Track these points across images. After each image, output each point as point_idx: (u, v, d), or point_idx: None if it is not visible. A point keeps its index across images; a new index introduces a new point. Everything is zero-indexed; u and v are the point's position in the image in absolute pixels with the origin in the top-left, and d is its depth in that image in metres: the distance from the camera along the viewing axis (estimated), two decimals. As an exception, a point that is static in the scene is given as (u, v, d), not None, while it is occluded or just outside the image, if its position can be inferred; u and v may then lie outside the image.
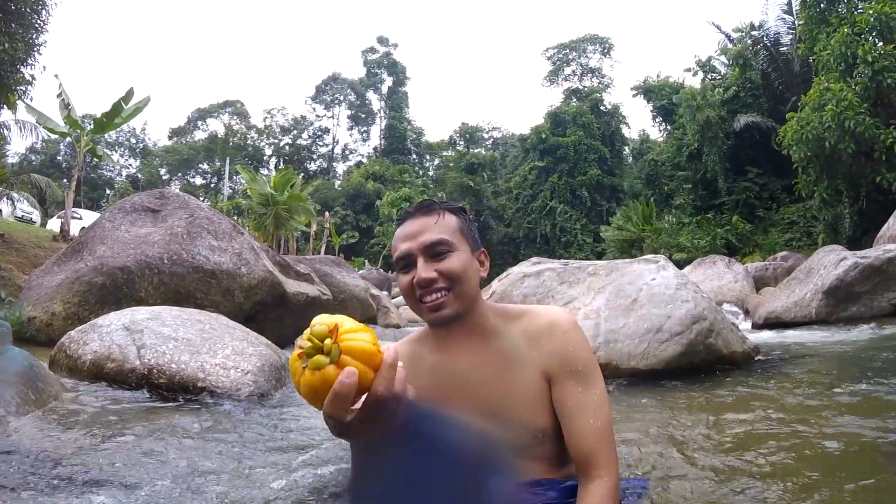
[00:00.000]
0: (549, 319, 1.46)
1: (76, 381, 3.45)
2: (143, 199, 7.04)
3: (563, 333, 1.43)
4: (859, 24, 16.01)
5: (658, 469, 1.95)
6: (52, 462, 2.02)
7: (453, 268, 1.39)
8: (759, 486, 1.77)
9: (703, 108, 27.16)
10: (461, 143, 59.02)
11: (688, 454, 2.09)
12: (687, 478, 1.87)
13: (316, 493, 1.80)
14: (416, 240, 1.41)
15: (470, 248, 1.46)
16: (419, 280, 1.37)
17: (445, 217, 1.45)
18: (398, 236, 1.46)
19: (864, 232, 16.43)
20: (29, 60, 12.62)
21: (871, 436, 2.23)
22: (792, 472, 1.86)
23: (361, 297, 9.48)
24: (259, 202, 23.62)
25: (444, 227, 1.43)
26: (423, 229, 1.42)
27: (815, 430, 2.41)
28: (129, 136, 63.24)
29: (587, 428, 1.32)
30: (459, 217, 1.49)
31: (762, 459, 2.02)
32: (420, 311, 1.42)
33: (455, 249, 1.42)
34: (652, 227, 27.85)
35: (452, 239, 1.42)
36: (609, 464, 1.30)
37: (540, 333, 1.43)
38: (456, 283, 1.38)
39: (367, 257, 41.91)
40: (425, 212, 1.46)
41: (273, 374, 3.64)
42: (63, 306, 5.97)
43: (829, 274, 8.11)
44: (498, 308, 1.52)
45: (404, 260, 1.42)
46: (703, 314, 4.23)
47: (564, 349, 1.41)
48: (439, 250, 1.40)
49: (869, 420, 2.48)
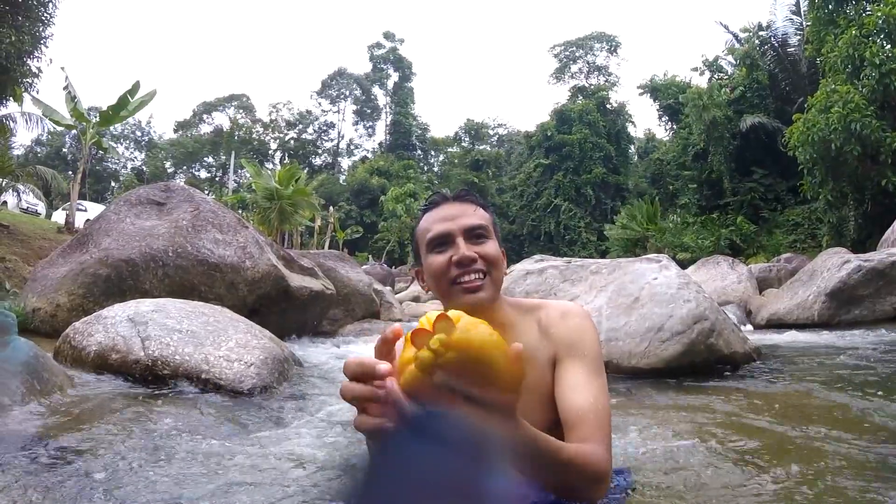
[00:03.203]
0: (562, 310, 1.49)
1: (81, 372, 3.47)
2: (148, 192, 7.06)
3: (574, 321, 1.46)
4: (867, 27, 15.97)
5: (651, 464, 1.97)
6: (53, 451, 2.04)
7: (492, 252, 1.43)
8: (752, 484, 1.78)
9: (710, 108, 27.11)
10: (466, 139, 59.11)
11: (682, 451, 2.11)
12: (680, 474, 1.88)
13: (316, 489, 1.81)
14: (457, 221, 1.43)
15: (497, 242, 1.49)
16: (462, 258, 1.38)
17: (480, 209, 1.49)
18: (433, 218, 1.47)
19: (868, 235, 16.41)
20: (35, 53, 12.66)
21: (866, 439, 2.24)
22: (786, 473, 1.88)
23: (365, 291, 9.49)
24: (264, 196, 23.64)
25: (482, 215, 1.47)
26: (462, 213, 1.45)
27: (812, 431, 2.43)
28: (134, 129, 63.39)
29: (585, 404, 1.31)
30: (489, 213, 1.52)
31: (757, 459, 2.03)
32: (452, 294, 1.41)
33: (492, 237, 1.46)
34: (656, 227, 27.82)
35: (490, 227, 1.47)
36: (603, 441, 1.26)
37: (551, 322, 1.46)
38: (493, 267, 1.41)
39: (371, 252, 41.98)
40: (463, 199, 1.49)
41: (276, 367, 3.65)
42: (68, 298, 5.99)
43: (833, 276, 8.11)
44: (514, 301, 1.54)
45: (441, 239, 1.43)
46: (705, 314, 4.24)
47: (574, 335, 1.43)
48: (479, 233, 1.43)
49: (864, 423, 2.49)
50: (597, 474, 1.19)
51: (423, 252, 1.48)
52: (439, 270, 1.42)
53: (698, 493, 1.71)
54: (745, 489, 1.75)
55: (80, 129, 16.88)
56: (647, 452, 2.15)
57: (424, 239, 1.46)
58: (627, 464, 1.91)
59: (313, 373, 4.24)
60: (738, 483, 1.81)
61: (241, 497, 1.68)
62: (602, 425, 1.29)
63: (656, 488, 1.75)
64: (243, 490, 1.75)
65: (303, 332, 7.42)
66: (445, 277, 1.40)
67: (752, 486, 1.78)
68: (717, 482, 1.81)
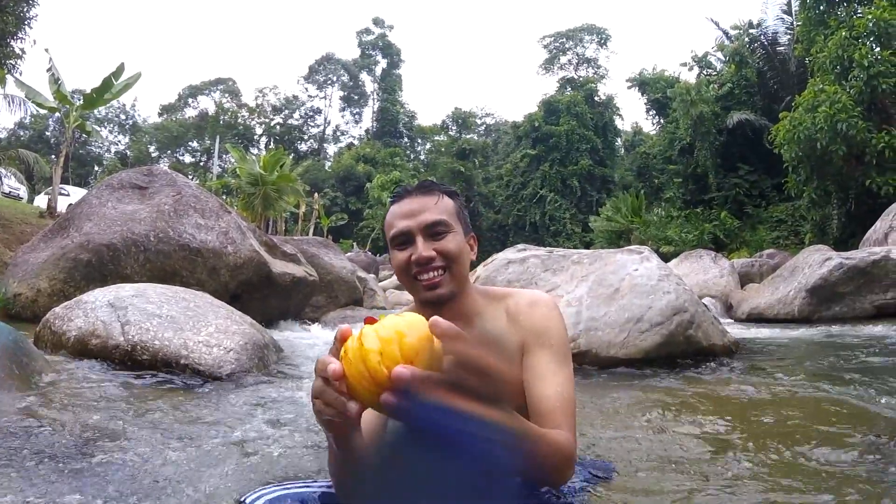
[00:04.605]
0: (530, 299, 1.50)
1: (61, 358, 3.46)
2: (130, 176, 7.02)
3: (542, 310, 1.46)
4: (857, 29, 16.11)
5: (626, 454, 2.00)
6: (30, 435, 2.04)
7: (451, 248, 1.42)
8: (724, 471, 1.81)
9: (697, 104, 27.23)
10: (454, 128, 58.95)
11: (657, 441, 2.13)
12: (653, 463, 1.91)
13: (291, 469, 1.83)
14: (416, 218, 1.43)
15: (463, 231, 1.50)
16: (419, 258, 1.40)
17: (444, 199, 1.48)
18: (395, 213, 1.47)
19: (851, 234, 16.59)
20: (19, 34, 12.46)
21: (839, 430, 2.28)
22: (760, 463, 1.91)
23: (348, 279, 9.50)
24: (248, 182, 23.50)
25: (443, 208, 1.46)
26: (422, 208, 1.44)
27: (786, 423, 2.47)
28: (118, 113, 62.58)
29: (553, 394, 1.33)
30: (455, 200, 1.52)
31: (731, 447, 2.06)
32: (414, 289, 1.44)
33: (452, 231, 1.45)
34: (641, 220, 28.00)
35: (450, 220, 1.46)
36: (570, 429, 1.29)
37: (520, 310, 1.47)
38: (452, 263, 1.41)
39: (355, 240, 41.88)
40: (425, 191, 1.49)
41: (256, 352, 3.66)
42: (49, 283, 5.95)
43: (814, 273, 8.20)
44: (483, 290, 1.55)
45: (402, 237, 1.44)
46: (684, 306, 4.29)
47: (542, 324, 1.44)
48: (438, 230, 1.43)
49: (838, 416, 2.54)
50: (565, 458, 1.21)
51: (388, 246, 1.51)
52: (400, 267, 1.45)
53: (671, 481, 1.74)
54: (718, 476, 1.78)
55: (64, 111, 16.63)
56: (617, 439, 2.18)
57: (388, 234, 1.48)
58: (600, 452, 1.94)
59: (293, 359, 4.25)
60: (711, 470, 1.83)
61: (215, 478, 1.68)
62: (568, 414, 1.32)
63: (625, 473, 1.77)
64: (216, 471, 1.76)
65: (285, 319, 7.42)
66: (407, 274, 1.43)
67: (724, 472, 1.81)
68: (690, 470, 1.84)
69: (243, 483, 1.64)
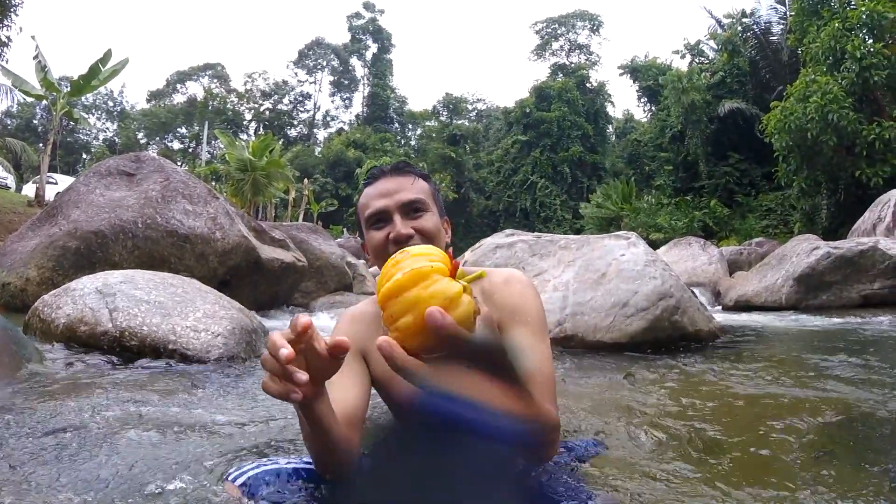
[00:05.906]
0: (505, 276, 1.48)
1: (50, 345, 3.47)
2: (118, 163, 6.99)
3: (517, 287, 1.45)
4: (850, 20, 16.18)
5: (608, 435, 2.02)
6: (20, 422, 2.05)
7: (429, 226, 1.44)
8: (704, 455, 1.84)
9: (689, 92, 27.31)
10: (444, 113, 58.73)
11: (639, 423, 2.16)
12: (636, 444, 1.94)
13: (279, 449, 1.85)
14: (393, 197, 1.44)
15: (438, 213, 1.51)
16: (397, 235, 1.41)
17: (419, 180, 1.50)
18: (371, 194, 1.48)
19: (840, 224, 16.72)
20: (5, 21, 12.31)
21: (820, 415, 2.32)
22: (739, 446, 1.94)
23: (337, 264, 9.50)
24: (237, 168, 23.42)
25: (420, 188, 1.48)
26: (399, 188, 1.46)
27: (766, 407, 2.51)
28: (106, 99, 62.07)
29: (534, 369, 1.30)
30: (429, 183, 1.54)
31: (712, 432, 2.09)
32: None
33: (430, 210, 1.47)
34: (631, 207, 28.09)
35: (427, 200, 1.47)
36: (552, 403, 1.27)
37: (494, 289, 1.45)
38: (430, 242, 1.40)
39: (345, 225, 41.76)
40: (400, 172, 1.50)
41: (244, 337, 3.67)
42: (37, 271, 5.94)
43: (802, 262, 8.28)
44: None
45: (378, 216, 1.45)
46: (670, 291, 4.32)
47: (517, 301, 1.42)
48: (416, 208, 1.44)
49: (819, 402, 2.58)
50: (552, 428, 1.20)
51: (364, 227, 1.51)
52: (378, 246, 1.45)
53: (646, 461, 1.76)
54: (697, 460, 1.81)
55: (51, 99, 16.54)
56: (600, 421, 2.21)
57: (364, 215, 1.49)
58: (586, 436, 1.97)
59: (282, 344, 4.24)
60: (690, 454, 1.86)
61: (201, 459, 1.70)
62: (550, 389, 1.31)
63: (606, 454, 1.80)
64: (202, 451, 1.78)
65: (275, 305, 7.42)
66: (384, 253, 1.42)
67: (703, 456, 1.84)
68: (671, 454, 1.87)
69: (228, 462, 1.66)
